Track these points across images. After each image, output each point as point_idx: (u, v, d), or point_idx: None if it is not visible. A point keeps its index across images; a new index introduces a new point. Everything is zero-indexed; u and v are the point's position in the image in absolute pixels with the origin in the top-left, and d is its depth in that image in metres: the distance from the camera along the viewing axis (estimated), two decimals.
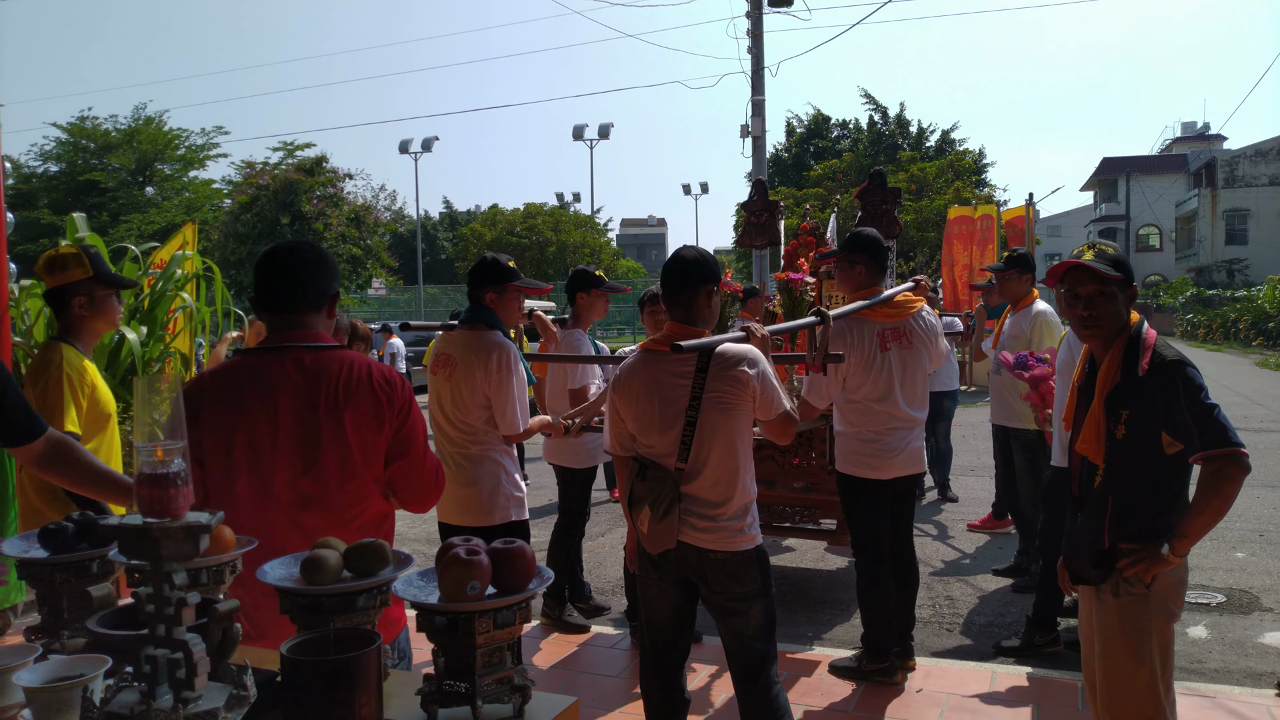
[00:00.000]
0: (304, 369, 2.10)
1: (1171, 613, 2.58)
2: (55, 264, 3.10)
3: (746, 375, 2.71)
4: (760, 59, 15.95)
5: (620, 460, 2.91)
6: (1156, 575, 2.52)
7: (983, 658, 4.47)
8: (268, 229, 25.06)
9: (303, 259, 2.18)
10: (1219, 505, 2.44)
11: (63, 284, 3.09)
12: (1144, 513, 2.54)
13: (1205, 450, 2.42)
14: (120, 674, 1.53)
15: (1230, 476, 2.42)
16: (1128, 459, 2.56)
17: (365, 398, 2.10)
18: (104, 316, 3.19)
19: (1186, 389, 2.45)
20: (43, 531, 1.99)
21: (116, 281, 3.23)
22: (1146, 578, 2.52)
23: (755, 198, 6.01)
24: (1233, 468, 2.41)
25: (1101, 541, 2.59)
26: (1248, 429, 11.82)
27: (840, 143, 31.95)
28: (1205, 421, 2.42)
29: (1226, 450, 2.40)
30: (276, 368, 2.11)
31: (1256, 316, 29.61)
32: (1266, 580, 5.59)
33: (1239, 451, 2.41)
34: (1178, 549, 2.47)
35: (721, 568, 2.74)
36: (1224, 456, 2.41)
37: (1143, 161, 52.28)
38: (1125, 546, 2.54)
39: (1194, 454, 2.44)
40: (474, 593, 1.63)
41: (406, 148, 35.98)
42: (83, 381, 3.07)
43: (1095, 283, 2.60)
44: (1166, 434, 2.48)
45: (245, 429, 2.09)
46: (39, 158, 30.71)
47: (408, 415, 2.16)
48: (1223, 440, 2.41)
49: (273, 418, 2.08)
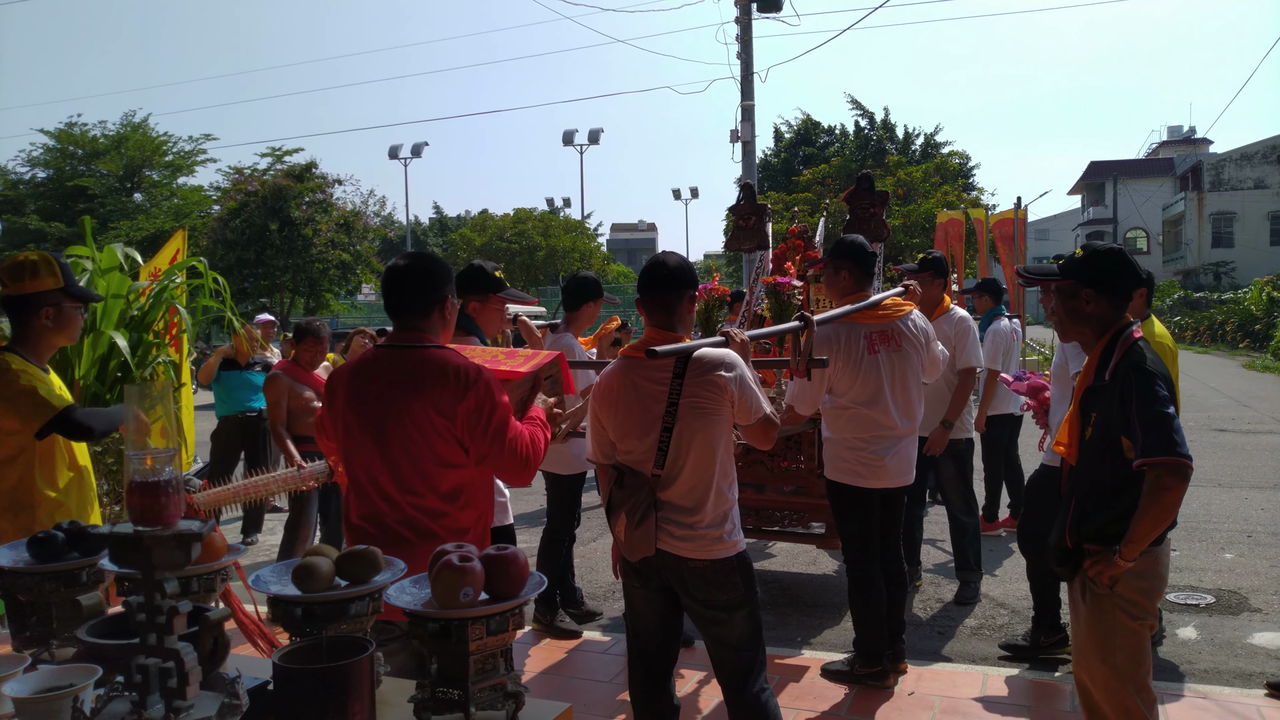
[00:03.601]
0: (404, 363, 2.50)
1: (1139, 615, 2.60)
2: (25, 269, 2.99)
3: (724, 380, 2.71)
4: (749, 64, 15.98)
5: (602, 468, 2.91)
6: (1117, 578, 2.54)
7: (974, 660, 4.47)
8: (256, 235, 24.94)
9: (405, 273, 2.58)
10: (1158, 514, 2.46)
11: (31, 292, 2.99)
12: (1104, 515, 2.58)
13: (1146, 457, 2.44)
14: (111, 683, 1.52)
15: (1168, 485, 2.43)
16: (1093, 460, 2.61)
17: (446, 388, 2.44)
18: (66, 330, 3.10)
19: (1140, 395, 2.47)
20: (32, 540, 1.97)
21: (85, 296, 3.15)
22: (1104, 580, 2.55)
23: (743, 202, 6.02)
24: (1170, 476, 2.42)
25: (1064, 540, 2.65)
26: (1235, 430, 11.90)
27: (829, 148, 32.04)
28: (1150, 428, 2.44)
29: (1166, 459, 2.41)
30: (385, 361, 2.53)
31: (1243, 319, 29.78)
32: (1255, 581, 5.63)
33: (1180, 461, 2.41)
34: (1125, 553, 2.50)
35: (702, 576, 2.72)
36: (1162, 465, 2.42)
37: (1130, 165, 52.56)
38: (1089, 548, 2.59)
39: (1137, 460, 2.46)
40: (467, 599, 1.62)
41: (396, 153, 35.98)
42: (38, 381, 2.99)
43: (1045, 284, 2.71)
44: (1125, 438, 2.51)
45: (357, 411, 2.53)
46: (26, 164, 30.57)
47: (488, 402, 2.46)
48: (1164, 448, 2.41)
49: (379, 402, 2.49)
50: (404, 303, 2.58)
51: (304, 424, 5.38)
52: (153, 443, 1.44)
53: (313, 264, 25.64)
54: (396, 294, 2.58)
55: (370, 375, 2.54)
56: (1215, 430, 11.88)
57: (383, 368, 2.53)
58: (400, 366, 2.50)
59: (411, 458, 2.46)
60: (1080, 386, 2.69)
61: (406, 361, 2.51)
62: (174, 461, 1.44)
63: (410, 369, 2.49)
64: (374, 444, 2.50)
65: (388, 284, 2.59)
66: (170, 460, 1.43)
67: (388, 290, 2.59)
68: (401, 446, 2.47)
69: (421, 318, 2.57)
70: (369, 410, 2.51)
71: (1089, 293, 2.66)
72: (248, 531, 7.28)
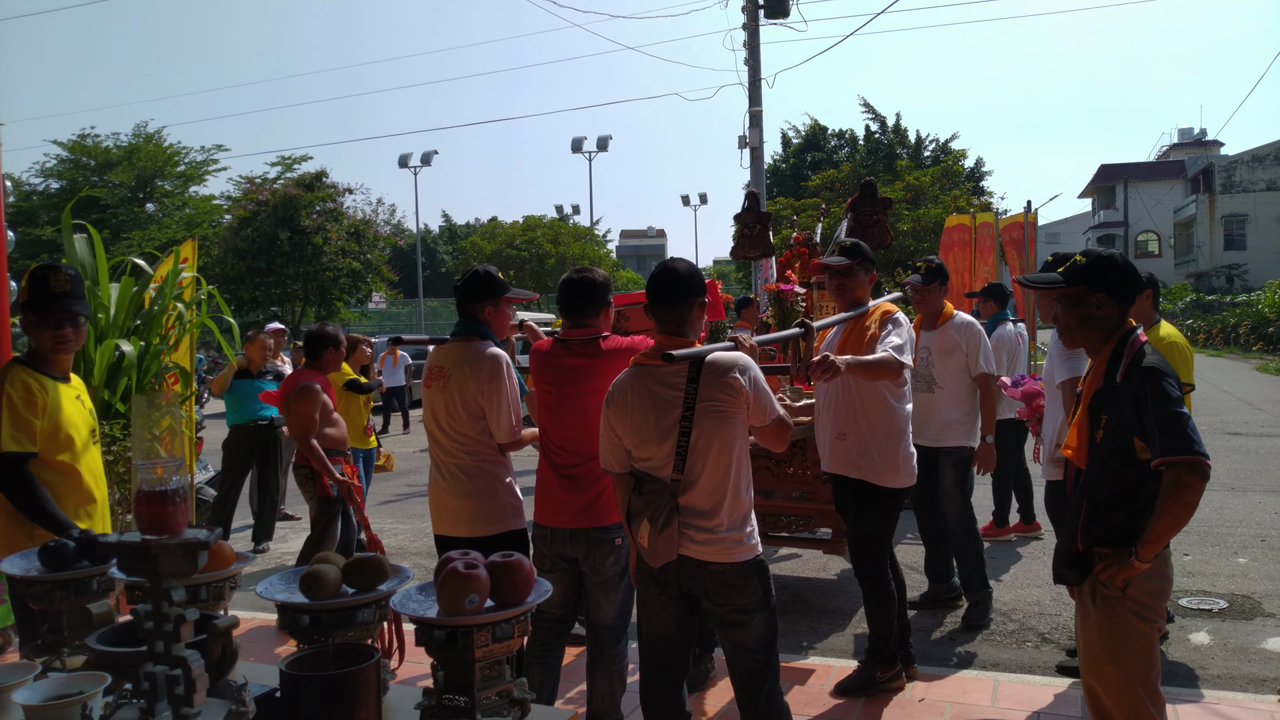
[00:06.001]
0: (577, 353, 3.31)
1: (1150, 618, 2.60)
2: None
3: (739, 382, 2.72)
4: (757, 70, 16.00)
5: (617, 477, 2.91)
6: (1130, 580, 2.54)
7: (984, 667, 4.46)
8: (267, 244, 25.09)
9: (579, 286, 3.36)
10: (1178, 514, 2.46)
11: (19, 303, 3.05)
12: (1115, 517, 2.57)
13: (1165, 456, 2.44)
14: (120, 691, 1.53)
15: (1188, 484, 2.43)
16: (1104, 463, 2.60)
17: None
18: (35, 341, 3.10)
19: (1155, 396, 2.47)
20: (43, 549, 1.99)
21: (53, 309, 3.07)
22: (1118, 582, 2.55)
23: (748, 209, 6.03)
24: (1191, 475, 2.42)
25: (1075, 543, 2.65)
26: (1248, 434, 11.82)
27: (837, 153, 32.03)
28: (1168, 428, 2.44)
29: (1185, 458, 2.41)
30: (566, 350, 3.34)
31: (1256, 321, 29.61)
32: (1269, 586, 5.58)
33: (1199, 460, 2.41)
34: (1142, 555, 2.49)
35: (722, 579, 2.73)
36: (1182, 464, 2.42)
37: (1141, 168, 52.34)
38: (1100, 551, 2.58)
39: (1155, 460, 2.46)
40: (472, 606, 1.63)
41: (406, 162, 36.09)
42: (32, 400, 2.97)
43: (1043, 291, 2.71)
44: (1138, 440, 2.51)
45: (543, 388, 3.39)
46: (40, 175, 30.84)
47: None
48: (1183, 448, 2.41)
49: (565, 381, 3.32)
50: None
51: (323, 435, 5.11)
52: (161, 452, 1.45)
53: (323, 272, 25.77)
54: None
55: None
56: (1228, 434, 11.81)
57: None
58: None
59: None
60: (1088, 390, 2.69)
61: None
62: (181, 470, 1.46)
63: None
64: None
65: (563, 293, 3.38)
66: (178, 469, 1.44)
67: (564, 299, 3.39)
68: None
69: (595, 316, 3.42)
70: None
71: (1101, 297, 2.66)
72: (258, 539, 7.31)
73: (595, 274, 3.43)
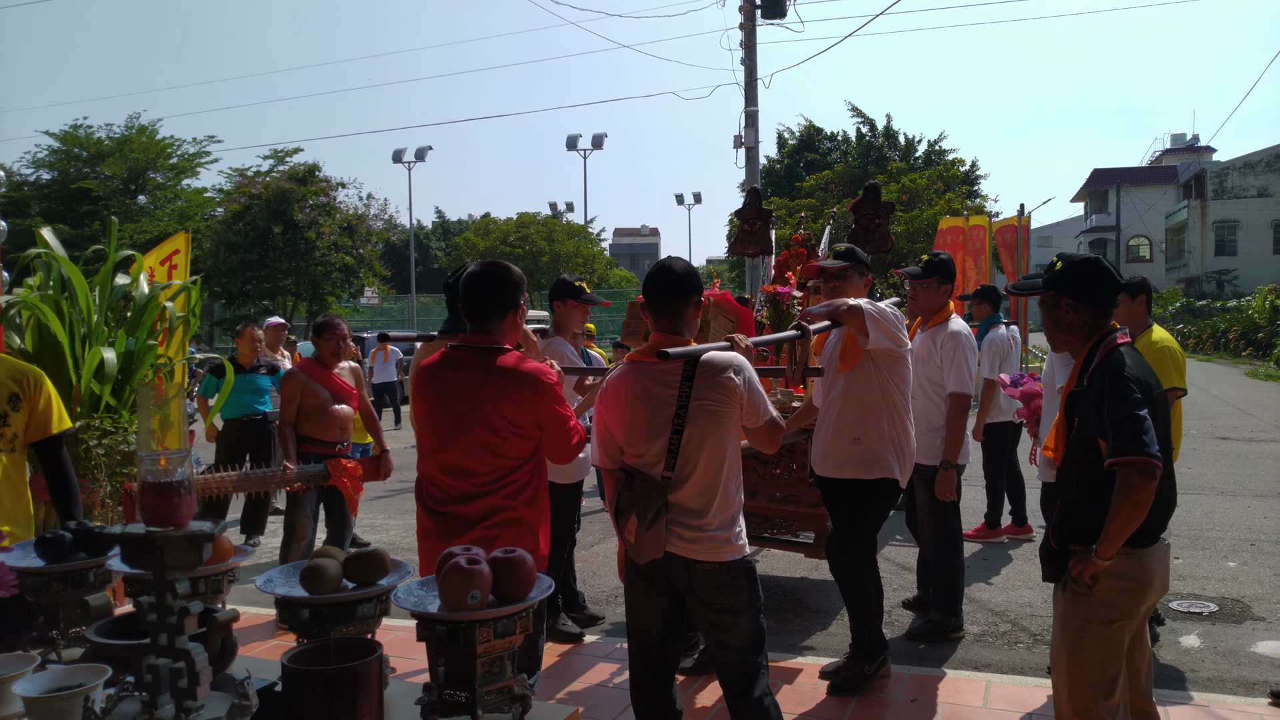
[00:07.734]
0: (478, 365, 2.86)
1: (1113, 617, 2.64)
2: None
3: (733, 382, 2.73)
4: (753, 70, 16.00)
5: (609, 473, 2.92)
6: (1098, 577, 2.60)
7: (976, 667, 4.47)
8: (260, 238, 24.99)
9: (478, 283, 2.91)
10: (1129, 513, 2.50)
11: None
12: (1086, 515, 2.63)
13: (1115, 456, 2.49)
14: (120, 683, 1.53)
15: (1136, 484, 2.47)
16: (1076, 462, 2.68)
17: (516, 386, 2.81)
18: None
19: (1113, 397, 2.53)
20: (40, 541, 1.98)
21: None
22: (1085, 578, 2.61)
23: (749, 205, 6.04)
24: (1139, 476, 2.47)
25: (1049, 540, 2.73)
26: (1238, 439, 11.88)
27: (831, 154, 32.08)
28: (1120, 429, 2.49)
29: (1134, 459, 2.46)
30: (466, 361, 2.90)
31: (1246, 327, 29.78)
32: (1258, 589, 5.62)
33: (1148, 460, 2.45)
34: (1100, 551, 2.56)
35: (709, 579, 2.73)
36: (1131, 464, 2.47)
37: (1133, 173, 52.53)
38: (1073, 548, 2.64)
39: (1108, 460, 2.51)
40: (474, 602, 1.63)
41: (400, 157, 35.96)
42: None
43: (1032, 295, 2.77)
44: (1102, 440, 2.57)
45: (439, 403, 2.92)
46: (31, 165, 30.63)
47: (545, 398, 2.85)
48: (1133, 449, 2.46)
49: (449, 395, 2.88)
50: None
51: (313, 424, 5.32)
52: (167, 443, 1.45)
53: (315, 267, 25.68)
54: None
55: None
56: (1218, 439, 11.87)
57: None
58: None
59: None
60: (1065, 392, 2.78)
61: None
62: (185, 463, 1.45)
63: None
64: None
65: (464, 293, 2.92)
66: (183, 461, 1.43)
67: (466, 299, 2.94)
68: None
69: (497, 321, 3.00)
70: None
71: (1068, 302, 2.75)
72: (249, 533, 7.29)
73: (509, 270, 2.97)
